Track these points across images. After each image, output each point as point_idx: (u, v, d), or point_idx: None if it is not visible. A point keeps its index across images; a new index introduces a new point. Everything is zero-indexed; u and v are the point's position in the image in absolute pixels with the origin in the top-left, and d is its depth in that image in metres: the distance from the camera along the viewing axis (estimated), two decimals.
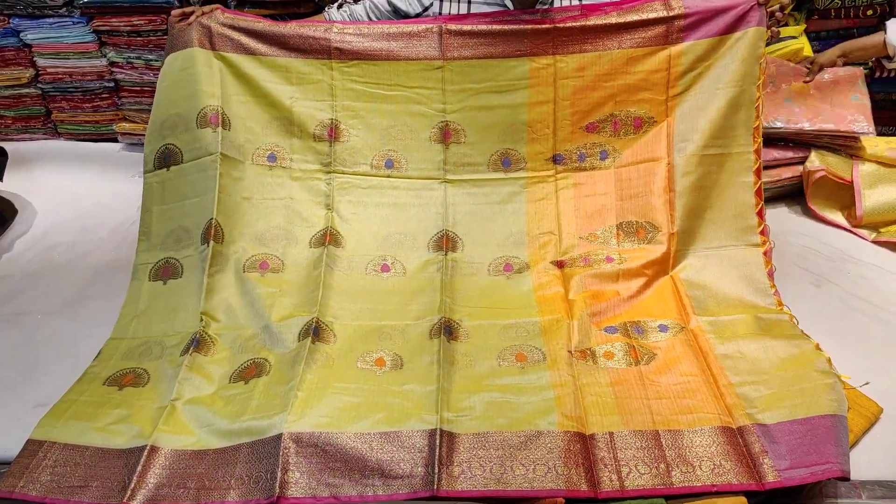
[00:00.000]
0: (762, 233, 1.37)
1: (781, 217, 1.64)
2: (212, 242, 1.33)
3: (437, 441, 0.98)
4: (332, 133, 1.48)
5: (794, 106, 1.67)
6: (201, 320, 1.26)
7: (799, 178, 1.65)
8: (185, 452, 1.02)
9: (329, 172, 1.48)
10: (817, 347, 1.15)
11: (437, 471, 0.95)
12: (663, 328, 1.26)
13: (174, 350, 1.23)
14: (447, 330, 1.24)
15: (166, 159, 1.45)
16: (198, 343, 1.22)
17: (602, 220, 1.44)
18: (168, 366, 1.19)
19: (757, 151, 1.39)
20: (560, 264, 1.40)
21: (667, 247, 1.37)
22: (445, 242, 1.43)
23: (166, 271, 1.39)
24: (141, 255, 1.43)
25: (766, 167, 1.62)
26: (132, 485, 0.96)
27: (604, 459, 0.98)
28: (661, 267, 1.37)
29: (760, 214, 1.38)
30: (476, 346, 1.21)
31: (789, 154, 1.67)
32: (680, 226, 1.38)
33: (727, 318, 1.25)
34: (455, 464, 0.97)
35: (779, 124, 1.64)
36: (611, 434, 1.02)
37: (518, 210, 1.46)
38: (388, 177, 1.48)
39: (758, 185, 1.39)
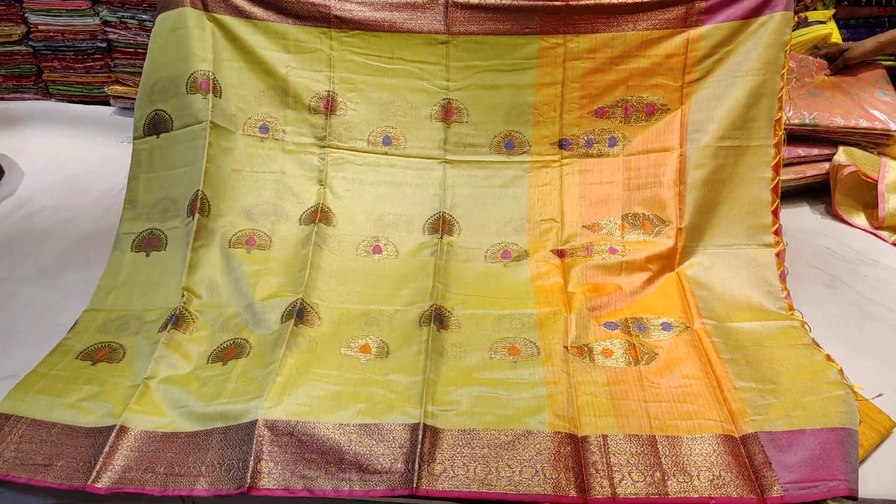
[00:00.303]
0: (776, 233, 1.31)
1: (799, 214, 1.56)
2: (197, 215, 1.29)
3: (420, 436, 0.93)
4: (329, 106, 1.42)
5: (823, 101, 1.58)
6: (183, 296, 1.21)
7: (824, 176, 1.57)
8: (156, 434, 0.97)
9: (323, 147, 1.43)
10: (828, 358, 1.10)
11: (417, 468, 0.90)
12: (666, 326, 1.20)
13: (152, 326, 1.18)
14: (438, 318, 1.18)
15: (156, 126, 1.40)
16: (177, 319, 1.17)
17: (607, 209, 1.38)
18: (145, 342, 1.14)
19: (777, 145, 1.32)
20: (560, 253, 1.34)
21: (674, 242, 1.31)
22: (442, 225, 1.38)
23: (150, 242, 1.34)
24: (125, 224, 1.38)
25: (790, 163, 1.54)
26: (98, 466, 0.92)
27: (595, 464, 0.93)
28: (667, 262, 1.31)
29: (775, 213, 1.31)
30: (467, 337, 1.16)
31: (814, 151, 1.58)
32: (689, 221, 1.32)
33: (734, 324, 1.20)
34: (437, 461, 0.92)
35: (809, 120, 1.55)
36: (604, 437, 0.97)
37: (520, 195, 1.40)
38: (386, 154, 1.43)
39: (775, 181, 1.32)
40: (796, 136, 1.57)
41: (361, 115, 1.43)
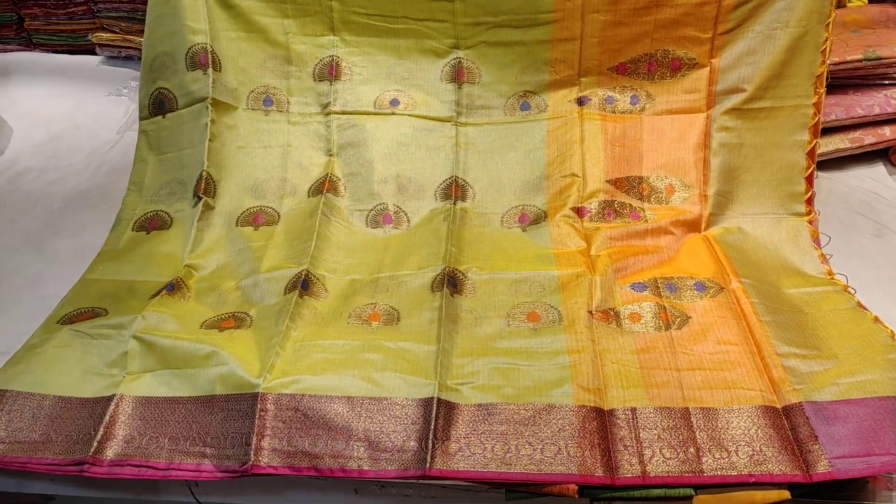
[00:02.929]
0: (809, 201, 1.24)
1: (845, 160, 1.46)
2: (203, 198, 1.27)
3: (434, 412, 0.90)
4: (333, 71, 1.36)
5: (870, 36, 1.44)
6: (182, 270, 1.19)
7: (887, 143, 1.42)
8: (157, 400, 0.96)
9: (329, 114, 1.37)
10: (877, 320, 1.03)
11: (431, 446, 0.87)
12: (700, 287, 1.14)
13: (144, 294, 1.14)
14: (451, 282, 1.13)
15: (161, 105, 1.36)
16: (172, 288, 1.14)
17: (629, 168, 1.31)
18: (133, 308, 1.10)
19: (817, 105, 1.22)
20: (581, 212, 1.28)
21: (699, 210, 1.26)
22: (454, 190, 1.32)
23: (153, 223, 1.31)
24: (128, 205, 1.35)
25: (848, 126, 1.41)
26: (99, 436, 0.90)
27: (624, 440, 0.89)
28: (693, 230, 1.26)
29: (810, 180, 1.24)
30: (483, 302, 1.11)
31: (876, 108, 1.39)
32: (715, 188, 1.25)
33: (772, 288, 1.13)
34: (452, 439, 0.88)
35: (868, 54, 1.39)
36: (633, 410, 0.92)
37: (537, 153, 1.34)
38: (394, 114, 1.37)
39: (812, 145, 1.22)
40: (848, 83, 1.43)
41: (368, 79, 1.38)
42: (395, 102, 1.38)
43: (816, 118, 1.22)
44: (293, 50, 1.36)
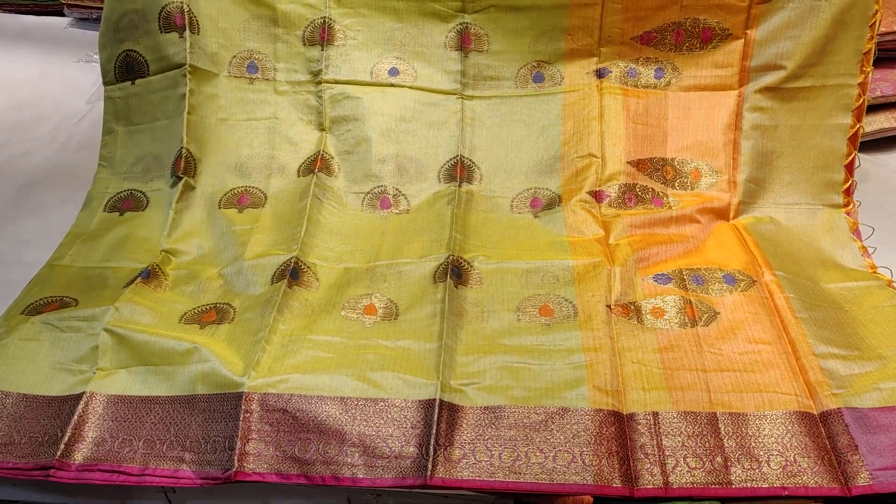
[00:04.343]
0: (847, 192, 1.22)
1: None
2: (183, 178, 1.25)
3: (436, 415, 0.89)
4: (325, 35, 1.33)
5: None
6: (159, 255, 1.17)
7: None
8: (130, 399, 0.95)
9: (320, 83, 1.35)
10: None
11: (432, 453, 0.86)
12: (730, 279, 1.12)
13: (117, 283, 1.13)
14: (455, 272, 1.12)
15: (130, 70, 1.33)
16: (148, 275, 1.13)
17: (652, 148, 1.30)
18: (106, 298, 1.09)
19: (863, 85, 1.20)
20: (599, 196, 1.26)
21: (727, 198, 1.24)
22: (460, 171, 1.30)
23: (127, 203, 1.29)
24: (99, 182, 1.33)
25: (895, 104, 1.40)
26: (66, 437, 0.89)
27: (644, 447, 0.88)
28: (721, 218, 1.26)
29: (850, 168, 1.22)
30: (490, 295, 1.10)
31: None
32: (745, 174, 1.25)
33: (809, 282, 1.12)
34: (456, 445, 0.88)
35: None
36: (655, 415, 0.91)
37: (552, 131, 1.32)
38: (392, 85, 1.34)
39: (855, 129, 1.21)
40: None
41: (363, 45, 1.35)
42: (393, 72, 1.35)
43: (861, 100, 1.20)
44: (280, 10, 1.33)
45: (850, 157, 1.22)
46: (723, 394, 0.94)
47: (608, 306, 1.06)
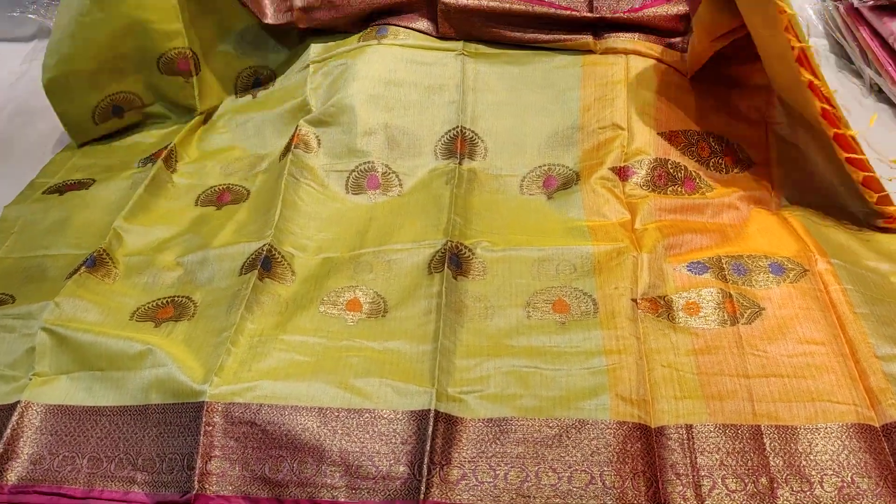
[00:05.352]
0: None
1: None
2: (159, 162, 1.29)
3: (431, 428, 0.88)
4: None
5: None
6: (106, 238, 1.16)
7: None
8: (73, 410, 0.94)
9: (307, 66, 1.40)
10: None
11: (426, 473, 0.85)
12: (777, 269, 1.10)
13: (58, 274, 1.12)
14: (454, 261, 1.10)
15: (118, 111, 1.43)
16: (93, 263, 1.12)
17: (684, 123, 1.28)
18: (42, 292, 1.08)
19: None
20: (624, 173, 1.23)
21: (769, 185, 1.25)
22: (460, 145, 1.29)
23: (72, 186, 1.31)
24: (56, 163, 1.40)
25: None
26: None
27: (676, 467, 0.87)
28: (763, 207, 1.25)
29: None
30: (496, 287, 1.08)
31: None
32: (780, 176, 1.26)
33: (870, 273, 1.10)
34: (454, 464, 0.86)
35: None
36: (688, 428, 0.90)
37: (569, 100, 1.30)
38: (380, 44, 1.33)
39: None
40: None
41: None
42: (382, 31, 1.35)
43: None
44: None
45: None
46: (768, 403, 0.93)
47: (634, 301, 1.04)
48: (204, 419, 0.89)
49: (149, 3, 1.31)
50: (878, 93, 1.58)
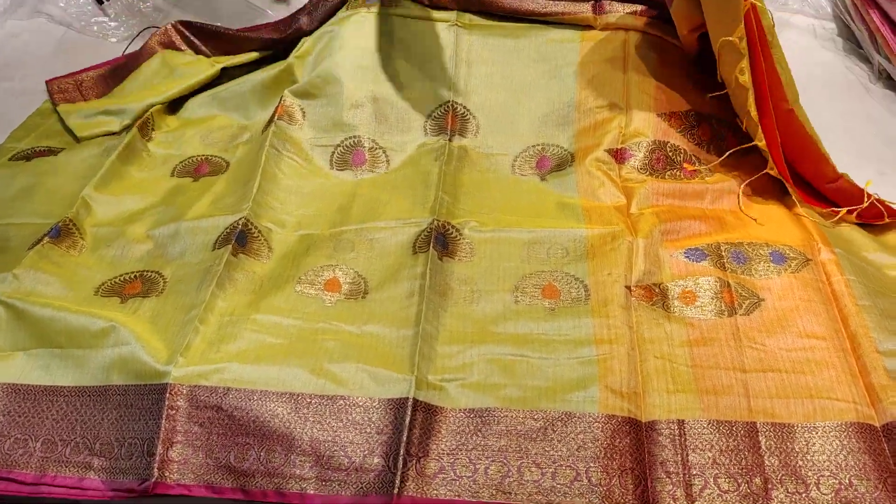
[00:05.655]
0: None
1: None
2: (134, 130, 1.26)
3: (408, 417, 0.85)
4: None
5: None
6: (74, 208, 1.12)
7: None
8: (28, 389, 0.90)
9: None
10: None
11: (402, 465, 0.82)
12: (778, 257, 1.07)
13: (20, 244, 1.08)
14: (440, 240, 1.06)
15: None
16: (58, 233, 1.07)
17: (684, 104, 1.25)
18: (2, 263, 1.04)
19: None
20: (621, 155, 1.20)
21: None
22: (451, 121, 1.26)
23: (41, 152, 1.28)
24: (27, 127, 1.36)
25: None
26: None
27: (666, 464, 0.84)
28: (765, 193, 1.21)
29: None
30: (483, 270, 1.05)
31: None
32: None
33: (872, 267, 1.08)
34: (432, 456, 0.83)
35: None
36: (680, 423, 0.88)
37: (566, 77, 1.28)
38: (370, 11, 1.30)
39: None
40: None
41: None
42: None
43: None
44: None
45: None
46: (765, 399, 0.90)
47: (628, 288, 1.01)
48: (167, 402, 0.85)
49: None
50: (887, 79, 1.52)
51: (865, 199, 1.13)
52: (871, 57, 1.55)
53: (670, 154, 1.21)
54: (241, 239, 1.04)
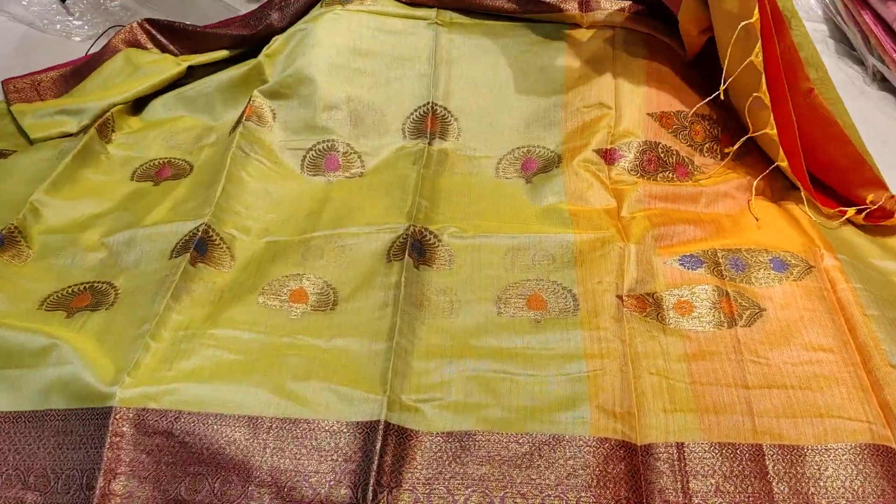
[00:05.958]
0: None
1: None
2: (92, 131, 1.20)
3: (379, 443, 0.78)
4: None
5: None
6: (21, 212, 1.06)
7: None
8: None
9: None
10: None
11: (371, 496, 0.75)
12: (779, 265, 1.03)
13: None
14: (417, 247, 1.00)
15: None
16: (2, 242, 1.01)
17: (676, 104, 1.21)
18: None
19: None
20: (610, 156, 1.15)
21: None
22: (431, 123, 1.21)
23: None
24: None
25: None
26: None
27: (664, 492, 0.78)
28: (763, 196, 1.18)
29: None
30: (463, 279, 0.99)
31: None
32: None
33: (878, 274, 1.04)
34: (405, 486, 0.77)
35: None
36: (680, 446, 0.82)
37: (552, 75, 1.23)
38: (345, 9, 1.26)
39: None
40: None
41: None
42: None
43: None
44: None
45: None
46: (770, 419, 0.85)
47: (619, 297, 0.95)
48: (110, 428, 0.78)
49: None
50: (882, 80, 1.48)
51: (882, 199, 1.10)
52: (865, 58, 1.52)
53: (662, 155, 1.16)
54: (200, 247, 0.97)
